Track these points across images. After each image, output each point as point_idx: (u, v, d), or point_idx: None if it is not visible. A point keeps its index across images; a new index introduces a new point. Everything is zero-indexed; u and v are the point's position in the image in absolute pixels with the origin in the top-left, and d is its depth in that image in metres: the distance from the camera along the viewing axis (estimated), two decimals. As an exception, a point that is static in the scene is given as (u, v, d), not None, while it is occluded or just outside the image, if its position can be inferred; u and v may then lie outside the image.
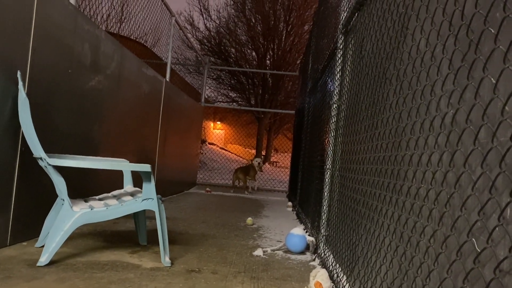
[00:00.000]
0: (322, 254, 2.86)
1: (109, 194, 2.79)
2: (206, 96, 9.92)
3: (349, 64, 2.74)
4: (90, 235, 3.06)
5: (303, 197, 5.14)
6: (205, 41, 19.85)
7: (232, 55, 19.63)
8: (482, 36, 0.98)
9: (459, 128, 1.05)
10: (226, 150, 24.25)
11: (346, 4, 2.89)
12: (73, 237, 2.91)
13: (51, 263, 2.24)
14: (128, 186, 2.99)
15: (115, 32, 6.33)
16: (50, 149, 2.88)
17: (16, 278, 1.95)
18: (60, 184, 2.32)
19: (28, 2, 2.55)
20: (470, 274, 0.91)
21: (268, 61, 19.58)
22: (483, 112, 0.92)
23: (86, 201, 2.48)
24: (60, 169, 2.35)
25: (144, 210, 2.81)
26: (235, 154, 24.15)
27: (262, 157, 20.23)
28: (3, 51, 2.37)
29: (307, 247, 3.18)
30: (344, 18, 2.87)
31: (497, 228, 0.84)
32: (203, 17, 20.22)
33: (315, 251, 3.15)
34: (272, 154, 23.38)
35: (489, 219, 0.87)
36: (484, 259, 0.88)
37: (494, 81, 0.90)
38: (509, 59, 0.85)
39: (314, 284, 2.20)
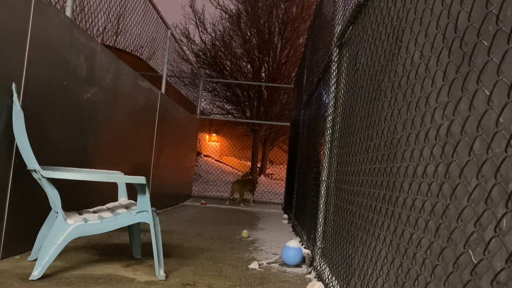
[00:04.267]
0: (318, 267, 2.84)
1: (104, 207, 2.77)
2: (202, 108, 9.94)
3: (343, 76, 2.76)
4: (84, 248, 3.02)
5: (299, 209, 5.13)
6: (201, 53, 19.93)
7: (228, 68, 19.70)
8: (475, 49, 0.99)
9: (454, 139, 1.06)
10: (221, 162, 24.20)
11: (340, 17, 2.92)
12: (66, 250, 2.87)
13: (44, 276, 2.21)
14: (123, 198, 2.97)
15: (111, 44, 6.35)
16: (44, 161, 2.86)
17: (8, 292, 1.92)
18: (54, 196, 2.30)
19: (24, 14, 2.55)
20: (467, 286, 0.91)
21: (263, 74, 19.67)
22: (477, 123, 0.93)
23: (80, 214, 2.46)
24: (54, 182, 2.34)
25: (139, 223, 2.79)
26: (231, 166, 24.10)
27: (257, 169, 20.21)
28: (-2, 63, 2.37)
29: (303, 260, 3.16)
30: (339, 31, 2.90)
31: (493, 239, 0.84)
32: (198, 30, 20.31)
33: (311, 264, 3.13)
34: (267, 166, 23.35)
35: (485, 230, 0.87)
36: (481, 270, 0.87)
37: (488, 93, 0.90)
38: (502, 71, 0.85)
39: (310, 297, 2.18)
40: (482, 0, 0.97)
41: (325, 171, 2.98)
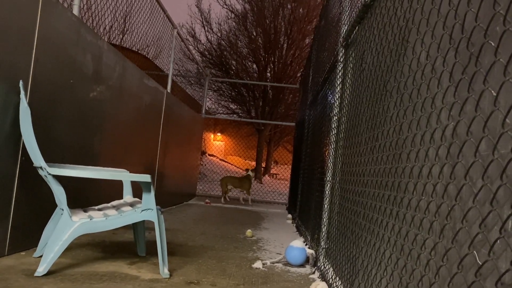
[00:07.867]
0: (322, 267, 2.84)
1: (109, 205, 2.78)
2: (207, 108, 9.95)
3: (349, 77, 2.76)
4: (89, 245, 3.04)
5: (303, 209, 5.12)
6: (207, 53, 19.95)
7: (233, 68, 19.72)
8: (482, 49, 0.98)
9: (460, 140, 1.06)
10: (226, 161, 24.22)
11: (346, 18, 2.92)
12: (71, 247, 2.89)
13: (49, 273, 2.23)
14: (128, 196, 2.98)
15: (117, 43, 6.38)
16: (50, 158, 2.88)
17: (13, 288, 1.94)
18: (59, 193, 2.32)
19: (31, 13, 2.57)
20: (472, 287, 0.91)
21: (268, 74, 19.66)
22: (483, 124, 0.93)
23: (85, 211, 2.48)
24: (60, 179, 2.35)
25: (143, 221, 2.80)
26: (235, 166, 24.12)
27: (262, 169, 20.22)
28: (6, 61, 2.39)
29: (307, 260, 3.16)
30: (345, 31, 2.89)
31: (498, 241, 0.83)
32: (204, 29, 20.33)
33: (315, 264, 3.13)
34: (272, 166, 23.34)
35: (491, 232, 0.87)
36: (485, 272, 0.87)
37: (494, 94, 0.90)
38: (509, 72, 0.85)
39: (314, 297, 2.18)
40: (489, 0, 0.97)
41: (329, 171, 2.98)
